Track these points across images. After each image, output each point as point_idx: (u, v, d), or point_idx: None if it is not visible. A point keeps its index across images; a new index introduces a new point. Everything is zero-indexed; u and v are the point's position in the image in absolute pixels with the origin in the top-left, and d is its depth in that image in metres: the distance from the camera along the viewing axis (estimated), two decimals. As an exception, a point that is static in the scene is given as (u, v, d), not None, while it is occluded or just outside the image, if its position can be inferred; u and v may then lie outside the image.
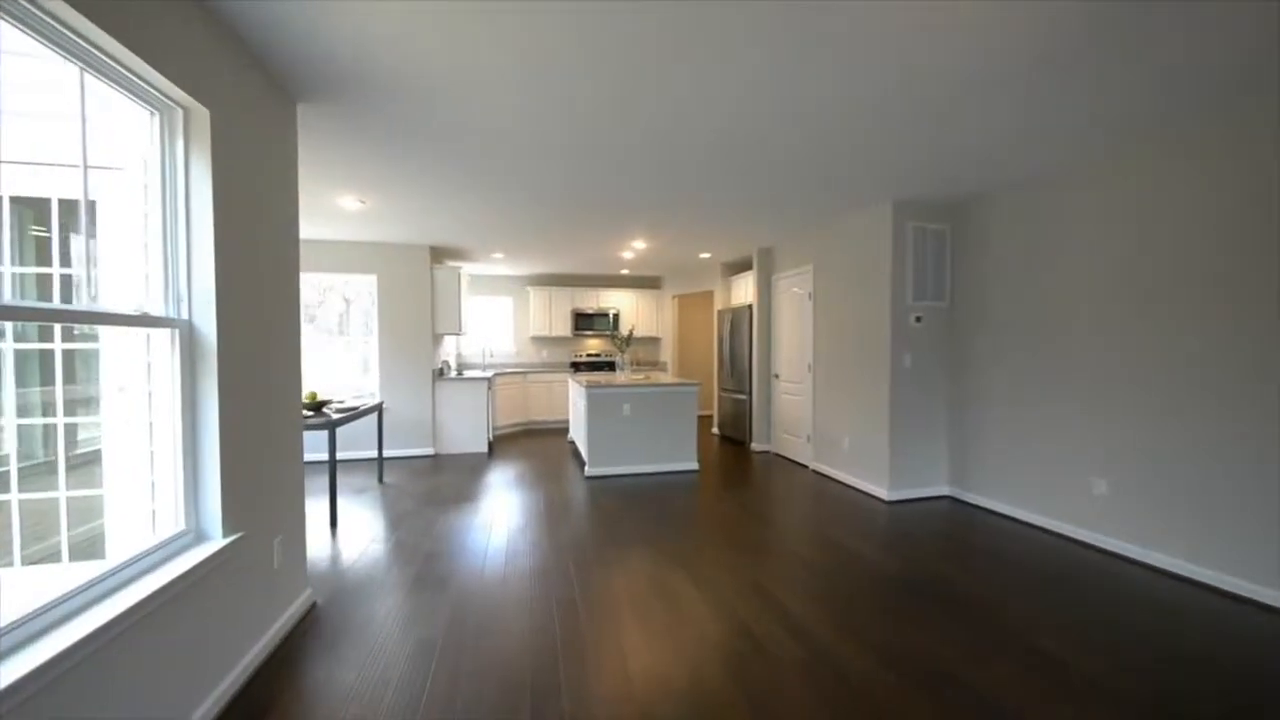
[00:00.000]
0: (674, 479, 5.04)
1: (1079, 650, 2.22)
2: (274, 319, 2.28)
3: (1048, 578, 2.90)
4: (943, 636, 2.32)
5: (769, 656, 2.19)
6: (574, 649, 2.24)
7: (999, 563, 3.11)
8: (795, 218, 4.80)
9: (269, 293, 2.24)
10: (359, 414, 4.19)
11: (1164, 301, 2.96)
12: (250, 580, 2.09)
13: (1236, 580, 2.67)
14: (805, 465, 5.50)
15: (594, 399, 5.08)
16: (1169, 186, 2.92)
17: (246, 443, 2.05)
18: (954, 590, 2.76)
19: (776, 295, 6.11)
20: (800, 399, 5.59)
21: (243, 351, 2.03)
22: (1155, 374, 3.00)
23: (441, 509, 4.16)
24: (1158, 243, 2.98)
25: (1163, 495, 2.97)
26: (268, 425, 2.21)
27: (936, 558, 3.18)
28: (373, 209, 4.46)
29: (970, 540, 3.46)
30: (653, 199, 4.14)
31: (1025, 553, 3.25)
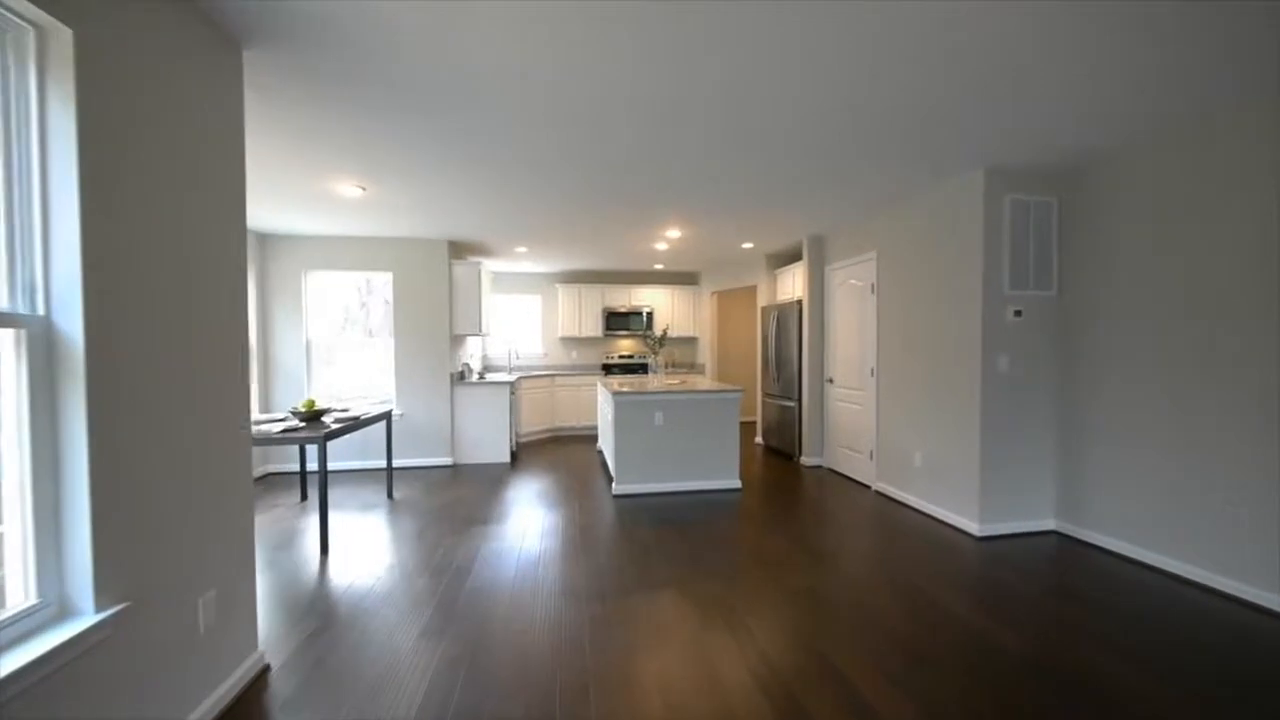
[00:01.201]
0: (713, 499, 4.39)
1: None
2: (201, 317, 1.79)
3: (1231, 663, 2.11)
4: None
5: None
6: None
7: (1157, 637, 2.32)
8: (856, 196, 4.06)
9: (196, 285, 1.76)
10: (358, 424, 3.74)
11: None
12: (156, 656, 1.59)
13: None
14: (866, 485, 4.74)
15: (622, 407, 4.50)
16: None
17: (145, 478, 1.56)
18: (1102, 683, 2.01)
19: (830, 289, 5.36)
20: (860, 408, 4.83)
21: (139, 359, 1.54)
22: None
23: (450, 533, 3.66)
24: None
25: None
26: (185, 453, 1.72)
27: (1063, 625, 2.42)
28: (376, 197, 4.02)
29: (1104, 598, 2.67)
30: (695, 172, 3.52)
31: (1188, 622, 2.44)
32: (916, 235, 4.05)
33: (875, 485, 4.60)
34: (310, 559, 3.22)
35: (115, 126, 1.47)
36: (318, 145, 3.02)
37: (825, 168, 3.41)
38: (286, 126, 2.77)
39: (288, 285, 5.39)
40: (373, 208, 4.33)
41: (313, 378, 5.51)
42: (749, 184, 3.75)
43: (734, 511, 4.10)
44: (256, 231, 5.19)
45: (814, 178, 3.61)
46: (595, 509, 4.19)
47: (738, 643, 2.29)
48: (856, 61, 2.16)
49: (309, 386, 5.46)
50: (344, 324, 5.77)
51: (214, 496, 1.86)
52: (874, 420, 4.59)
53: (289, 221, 4.84)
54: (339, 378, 5.69)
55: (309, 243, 5.39)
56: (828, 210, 4.50)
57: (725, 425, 4.66)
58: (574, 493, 4.66)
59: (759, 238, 5.61)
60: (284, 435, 3.21)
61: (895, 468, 4.34)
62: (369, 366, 5.73)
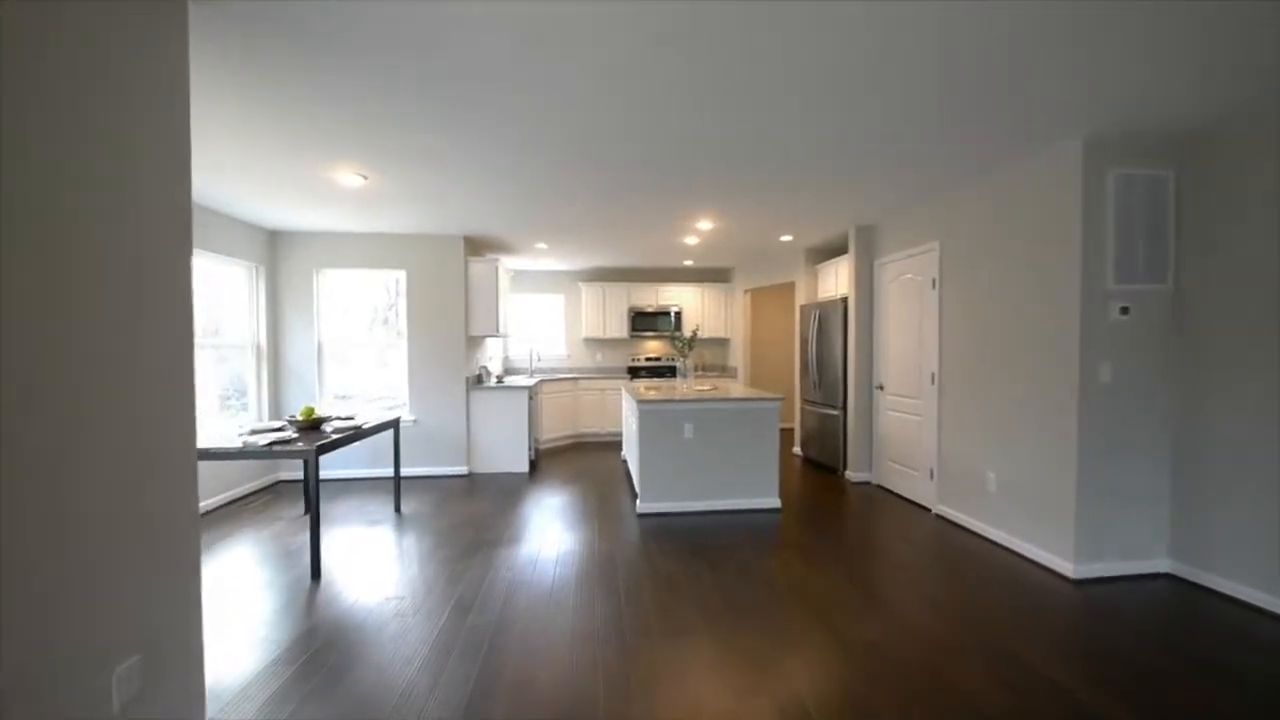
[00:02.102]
0: (749, 521, 3.91)
1: None
2: (123, 306, 1.43)
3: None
4: None
5: None
6: None
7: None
8: (916, 176, 3.51)
9: (118, 268, 1.40)
10: (359, 434, 3.41)
11: None
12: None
13: None
14: (924, 507, 4.17)
15: (647, 416, 4.06)
16: None
17: (30, 519, 1.20)
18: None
19: (881, 284, 4.79)
20: (918, 420, 4.26)
21: (20, 359, 1.18)
22: None
23: (455, 558, 3.29)
24: None
25: None
26: (99, 483, 1.36)
27: (1193, 702, 1.86)
28: (379, 188, 3.69)
29: (1241, 664, 2.09)
30: (732, 151, 3.05)
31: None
32: (991, 220, 3.47)
33: (936, 508, 4.03)
34: (298, 588, 2.89)
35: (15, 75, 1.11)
36: (313, 126, 2.68)
37: (882, 142, 2.89)
38: (278, 106, 2.43)
39: (299, 284, 5.15)
40: (379, 200, 4.01)
41: (324, 381, 5.27)
42: (791, 163, 3.26)
43: (774, 537, 3.61)
44: (265, 228, 4.97)
45: (867, 155, 3.09)
46: (617, 531, 3.76)
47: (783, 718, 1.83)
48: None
49: (320, 390, 5.22)
50: (370, 324, 5.50)
51: (142, 536, 1.51)
52: (935, 434, 4.03)
53: (298, 217, 4.59)
54: (354, 381, 5.43)
55: (319, 240, 5.14)
56: (880, 194, 3.96)
57: (763, 437, 4.16)
58: (594, 510, 4.25)
59: (799, 229, 5.09)
60: (271, 448, 2.89)
61: (962, 490, 3.77)
62: (386, 369, 5.45)
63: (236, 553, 3.39)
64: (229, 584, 2.94)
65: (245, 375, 4.89)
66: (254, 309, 4.96)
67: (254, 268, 4.93)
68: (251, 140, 2.87)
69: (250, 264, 4.88)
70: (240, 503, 4.47)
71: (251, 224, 4.78)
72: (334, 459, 5.10)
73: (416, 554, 3.37)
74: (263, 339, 4.98)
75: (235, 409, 4.82)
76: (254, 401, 4.92)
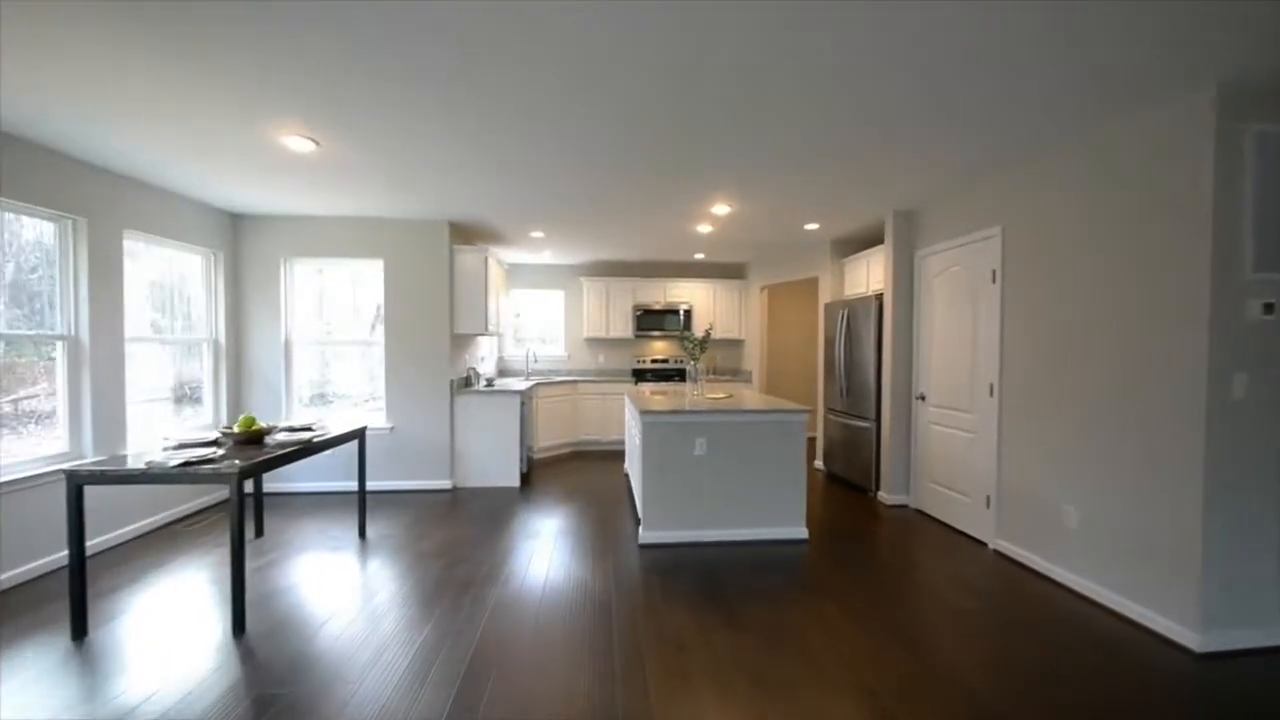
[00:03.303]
0: (772, 557, 3.30)
1: None
2: None
3: None
4: None
5: None
6: None
7: None
8: (976, 146, 2.89)
9: None
10: (308, 449, 2.85)
11: None
12: None
13: None
14: (979, 541, 3.54)
15: (652, 430, 3.46)
16: None
17: None
18: None
19: (924, 279, 4.17)
20: (969, 437, 3.63)
21: None
22: None
23: (419, 601, 2.71)
24: None
25: None
26: None
27: None
28: (337, 157, 3.11)
29: None
30: (757, 118, 2.46)
31: None
32: (1076, 198, 2.84)
33: (994, 543, 3.40)
34: (207, 650, 2.31)
35: None
36: (242, 73, 2.11)
37: (937, 104, 2.28)
38: (204, 55, 1.86)
39: (264, 273, 4.60)
40: (341, 173, 3.44)
41: (292, 382, 4.71)
42: (829, 132, 2.65)
43: (803, 579, 3.00)
44: (226, 211, 4.42)
45: (921, 117, 2.48)
46: (616, 567, 3.16)
47: None
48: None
49: (287, 393, 4.66)
50: (350, 319, 4.94)
51: None
52: (993, 455, 3.40)
53: (260, 198, 4.03)
54: (335, 382, 4.88)
55: (287, 224, 4.59)
56: (927, 171, 3.34)
57: (788, 456, 3.55)
58: (591, 537, 3.65)
59: (828, 215, 4.47)
60: (184, 469, 2.32)
61: (1031, 524, 3.14)
62: (367, 370, 4.89)
63: (153, 592, 2.82)
64: (111, 642, 2.37)
65: (202, 375, 4.35)
66: (212, 301, 4.41)
67: (212, 255, 4.39)
68: (178, 93, 2.31)
69: (208, 251, 4.33)
70: (187, 521, 3.91)
71: (209, 205, 4.23)
72: (302, 471, 4.54)
73: (373, 596, 2.79)
74: (221, 334, 4.43)
75: (192, 413, 4.28)
76: (210, 404, 4.37)
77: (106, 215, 3.36)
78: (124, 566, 3.12)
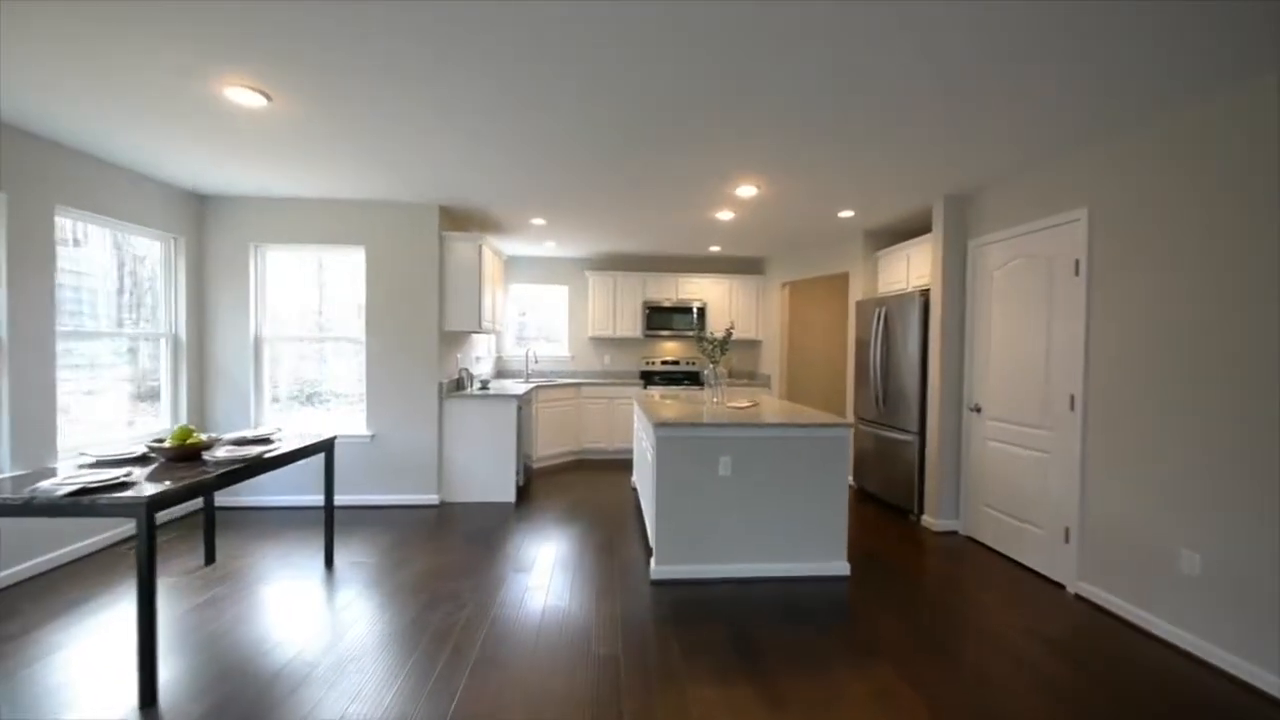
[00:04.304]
0: (809, 597, 2.77)
1: None
2: None
3: None
4: None
5: None
6: None
7: None
8: (1063, 112, 2.35)
9: None
10: (254, 467, 2.35)
11: None
12: None
13: None
14: (1056, 582, 2.99)
15: (668, 445, 2.94)
16: None
17: None
18: None
19: (980, 272, 3.62)
20: (1042, 458, 3.09)
21: None
22: None
23: (387, 651, 2.20)
24: None
25: None
26: None
27: None
28: (297, 117, 2.61)
29: None
30: (803, 87, 1.93)
31: None
32: (1192, 172, 2.30)
33: (1075, 585, 2.85)
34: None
35: None
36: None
37: (1024, 58, 1.74)
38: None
39: (232, 262, 4.12)
40: (304, 139, 2.94)
41: (262, 383, 4.22)
42: (888, 103, 2.12)
43: (849, 629, 2.47)
44: (190, 191, 3.93)
45: (1004, 79, 1.94)
46: (624, 611, 2.64)
47: None
48: None
49: (256, 395, 4.18)
50: (330, 314, 4.45)
51: None
52: (1074, 480, 2.85)
53: (224, 176, 3.54)
54: (324, 381, 4.39)
55: (258, 207, 4.10)
56: (994, 144, 2.79)
57: (828, 478, 3.02)
58: (594, 568, 3.13)
59: (867, 200, 3.93)
60: (75, 499, 1.82)
61: (1129, 566, 2.59)
62: (353, 370, 4.40)
63: (64, 638, 2.33)
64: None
65: (160, 374, 3.87)
66: (171, 292, 3.93)
67: (173, 240, 3.91)
68: (89, 29, 1.81)
69: (168, 235, 3.85)
70: (130, 543, 3.43)
71: (167, 184, 3.75)
72: (269, 483, 4.05)
73: (329, 651, 2.28)
74: (182, 329, 3.95)
75: (153, 417, 3.81)
76: (167, 407, 3.89)
77: (31, 189, 2.87)
78: (40, 604, 2.63)
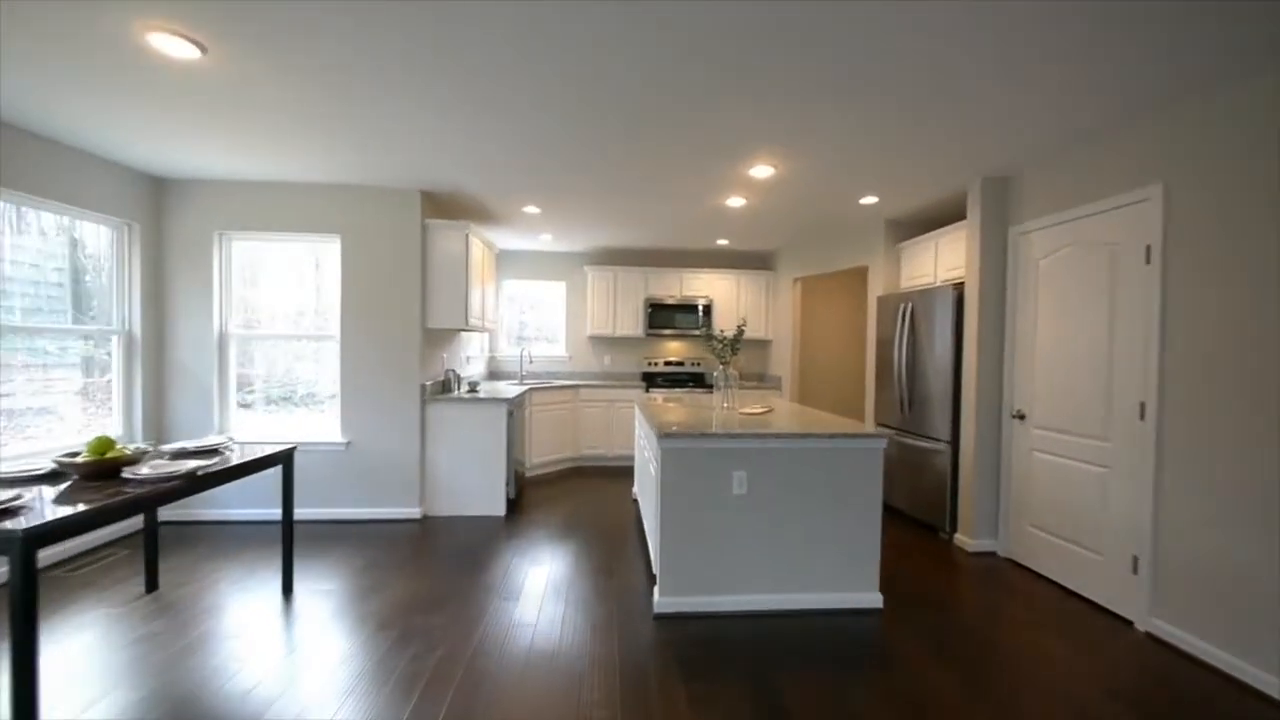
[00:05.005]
0: (838, 635, 2.38)
1: None
2: None
3: None
4: None
5: None
6: None
7: None
8: (1129, 78, 1.97)
9: None
10: (177, 490, 1.97)
11: None
12: None
13: None
14: (1122, 617, 2.60)
15: (673, 458, 2.56)
16: None
17: None
18: None
19: (1024, 262, 3.24)
20: (1102, 473, 2.70)
21: None
22: None
23: (346, 703, 1.83)
24: None
25: None
26: None
27: None
28: (240, 76, 2.24)
29: None
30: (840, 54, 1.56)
31: None
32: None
33: (1148, 622, 2.46)
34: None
35: None
36: None
37: None
38: None
39: (194, 253, 3.74)
40: (254, 106, 2.56)
41: (228, 383, 3.85)
42: (910, 62, 1.74)
43: (887, 677, 2.08)
44: (146, 172, 3.56)
45: (1044, 46, 1.56)
46: (623, 651, 2.25)
47: None
48: None
49: (221, 396, 3.80)
50: (308, 309, 4.07)
51: None
52: (1145, 500, 2.46)
53: (181, 156, 3.16)
54: (303, 382, 4.02)
55: (222, 191, 3.73)
56: (1043, 113, 2.41)
57: (859, 496, 2.64)
58: (591, 596, 2.75)
59: (892, 183, 3.54)
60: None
61: (1217, 605, 2.20)
62: (317, 373, 4.02)
63: (-40, 690, 1.95)
64: None
65: (113, 374, 3.49)
66: (124, 284, 3.55)
67: (126, 227, 3.53)
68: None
69: (120, 221, 3.48)
70: (71, 565, 3.05)
71: (119, 164, 3.37)
72: (234, 495, 3.68)
73: (278, 700, 1.90)
74: (136, 325, 3.57)
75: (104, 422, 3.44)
76: (119, 410, 3.51)
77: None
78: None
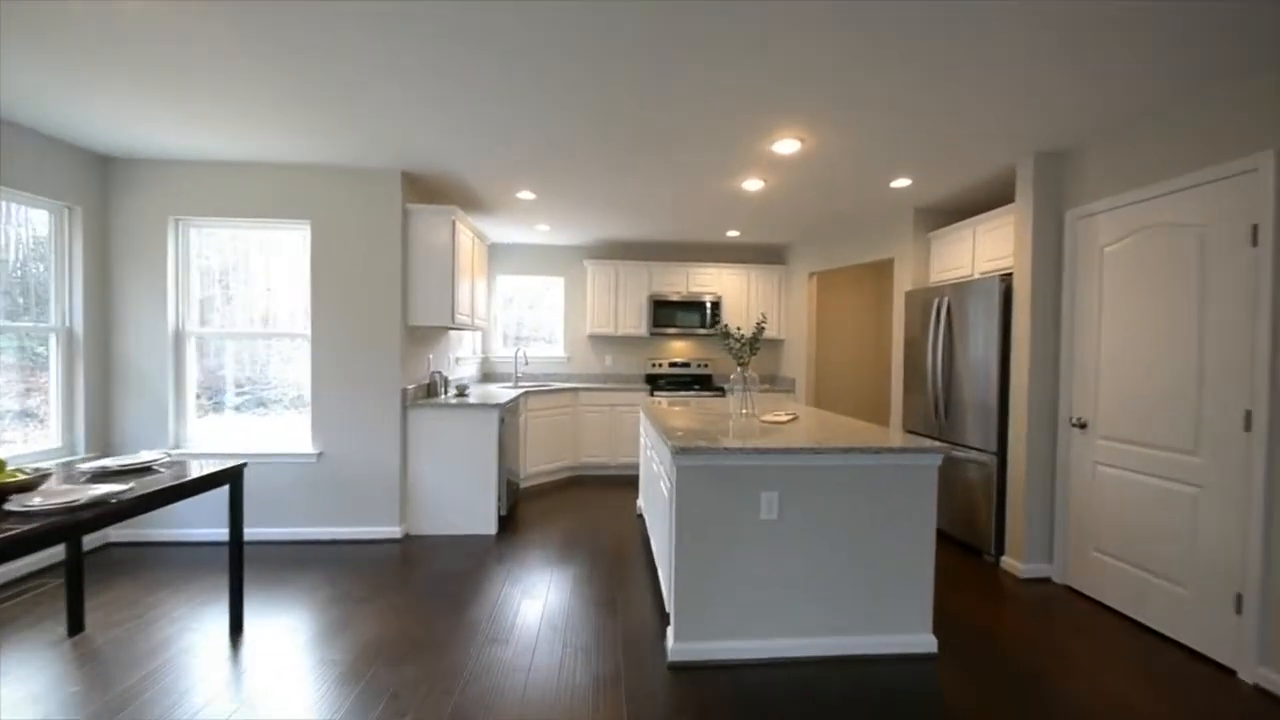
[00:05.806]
0: (888, 691, 1.99)
1: None
2: None
3: None
4: None
5: None
6: None
7: None
8: (1212, 36, 1.58)
9: None
10: (75, 523, 1.57)
11: None
12: None
13: None
14: (1219, 664, 2.21)
15: (690, 478, 2.16)
16: None
17: None
18: None
19: (1084, 250, 2.85)
20: (1192, 492, 2.31)
21: None
22: None
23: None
24: None
25: None
26: None
27: None
28: (181, 17, 1.84)
29: None
30: None
31: None
32: None
33: (1255, 674, 2.07)
34: None
35: None
36: None
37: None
38: None
39: (146, 241, 3.34)
40: (202, 58, 2.16)
41: (186, 385, 3.44)
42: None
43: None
44: (88, 149, 3.15)
45: None
46: (631, 715, 1.86)
47: None
48: None
49: (177, 403, 3.39)
50: (282, 305, 3.66)
51: None
52: (1252, 527, 2.07)
53: (128, 127, 2.76)
54: (246, 388, 3.61)
55: (177, 172, 3.32)
56: (1121, 73, 2.02)
57: (910, 523, 2.24)
58: (592, 635, 2.35)
59: (930, 162, 3.15)
60: None
61: (1348, 657, 1.81)
62: (287, 376, 3.62)
63: None
64: None
65: (50, 377, 3.09)
66: (64, 275, 3.15)
67: (66, 211, 3.13)
68: None
69: (59, 205, 3.08)
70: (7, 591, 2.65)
71: (57, 139, 2.97)
72: (191, 511, 3.27)
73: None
74: (78, 321, 3.17)
75: (39, 433, 3.04)
76: (56, 417, 3.10)
77: None
78: None
